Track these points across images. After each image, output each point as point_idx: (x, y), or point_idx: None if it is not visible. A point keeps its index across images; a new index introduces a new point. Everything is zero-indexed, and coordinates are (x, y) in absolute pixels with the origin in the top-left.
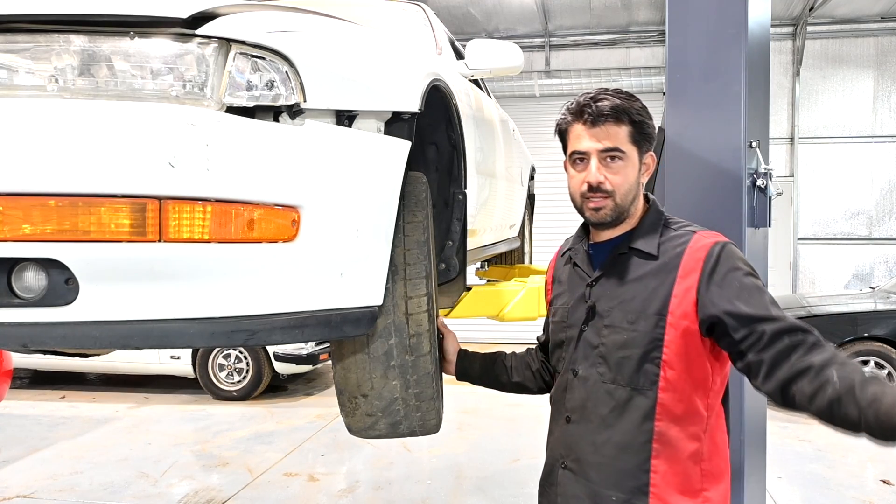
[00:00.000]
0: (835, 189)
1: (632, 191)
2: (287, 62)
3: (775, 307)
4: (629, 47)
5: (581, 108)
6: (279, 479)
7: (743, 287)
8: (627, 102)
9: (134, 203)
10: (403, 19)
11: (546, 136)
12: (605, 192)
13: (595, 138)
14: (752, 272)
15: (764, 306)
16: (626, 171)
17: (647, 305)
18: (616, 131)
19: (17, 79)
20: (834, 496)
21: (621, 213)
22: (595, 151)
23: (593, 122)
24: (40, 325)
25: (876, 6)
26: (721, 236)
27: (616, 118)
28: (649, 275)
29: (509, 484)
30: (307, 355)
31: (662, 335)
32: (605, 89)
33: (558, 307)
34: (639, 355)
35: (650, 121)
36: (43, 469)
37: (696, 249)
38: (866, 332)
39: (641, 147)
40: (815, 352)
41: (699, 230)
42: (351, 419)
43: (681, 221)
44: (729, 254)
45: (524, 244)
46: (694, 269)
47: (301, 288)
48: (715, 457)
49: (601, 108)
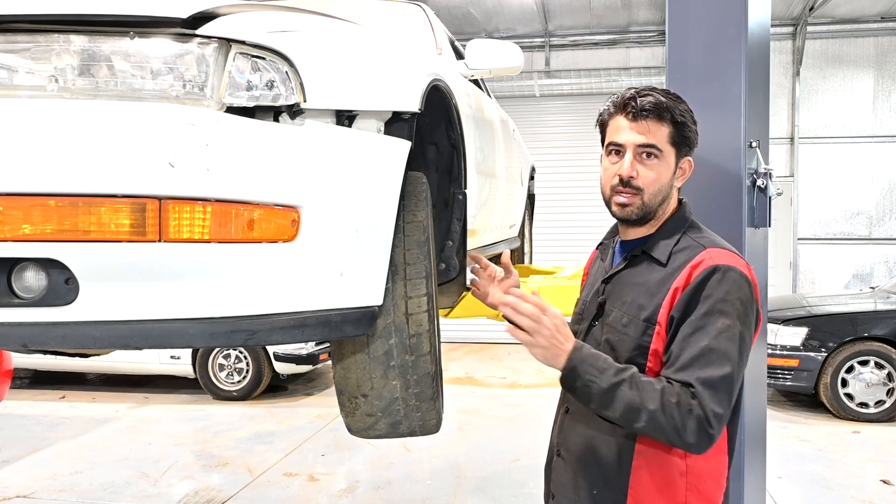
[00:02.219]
0: (835, 189)
1: (662, 192)
2: (287, 62)
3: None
4: (629, 47)
5: (626, 101)
6: (279, 479)
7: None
8: (673, 102)
9: (134, 203)
10: (403, 19)
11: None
12: (634, 189)
13: (635, 132)
14: (728, 308)
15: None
16: (659, 171)
17: (641, 312)
18: (657, 128)
19: (17, 79)
20: (834, 496)
21: (648, 212)
22: (632, 145)
23: (635, 116)
24: (40, 325)
25: (876, 6)
26: (729, 258)
27: (658, 115)
28: (652, 281)
29: (509, 484)
30: (307, 355)
31: (649, 343)
32: (653, 87)
33: (580, 299)
34: (625, 359)
35: (693, 125)
36: (43, 469)
37: (693, 266)
38: (866, 332)
39: (680, 149)
40: (671, 387)
41: (711, 246)
42: (351, 419)
43: (703, 232)
44: (718, 282)
45: (524, 244)
46: (682, 287)
47: (301, 288)
48: (705, 476)
49: (645, 102)
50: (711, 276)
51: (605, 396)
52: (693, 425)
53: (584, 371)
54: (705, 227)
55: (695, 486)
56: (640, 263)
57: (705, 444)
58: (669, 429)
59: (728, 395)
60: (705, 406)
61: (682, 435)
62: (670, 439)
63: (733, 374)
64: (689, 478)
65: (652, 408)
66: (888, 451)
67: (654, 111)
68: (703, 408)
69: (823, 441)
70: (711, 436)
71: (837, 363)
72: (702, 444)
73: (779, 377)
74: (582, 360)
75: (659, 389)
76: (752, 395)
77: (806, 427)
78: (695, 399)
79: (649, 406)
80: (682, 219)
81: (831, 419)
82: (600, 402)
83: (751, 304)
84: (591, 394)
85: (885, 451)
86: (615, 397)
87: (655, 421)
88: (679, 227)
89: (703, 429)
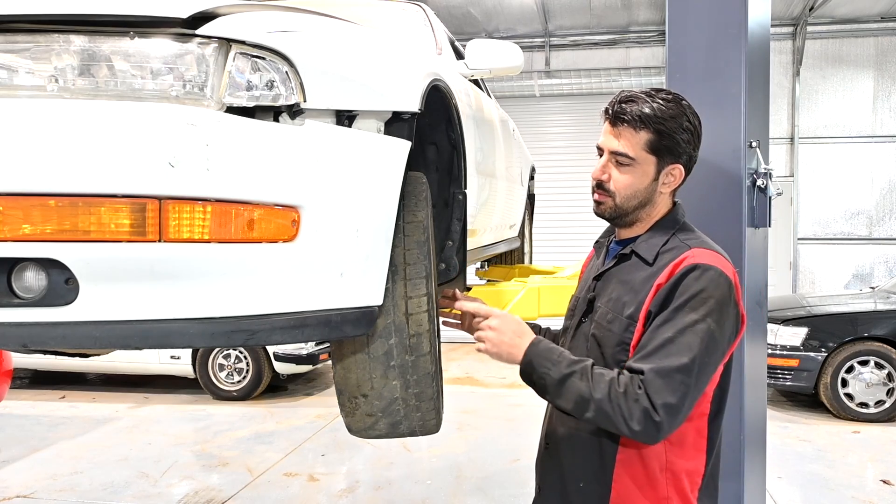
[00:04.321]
0: (835, 189)
1: (636, 197)
2: (287, 62)
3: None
4: (629, 47)
5: (610, 105)
6: (279, 479)
7: (672, 318)
8: (655, 111)
9: (134, 203)
10: (403, 19)
11: (546, 136)
12: (606, 191)
13: (611, 137)
14: (699, 305)
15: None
16: (632, 177)
17: (625, 308)
18: (631, 136)
19: (17, 79)
20: (834, 496)
21: (622, 214)
22: (607, 150)
23: (613, 121)
24: (40, 325)
25: (876, 6)
26: (711, 257)
27: (633, 124)
28: (639, 280)
29: (509, 484)
30: (307, 355)
31: (630, 339)
32: (651, 91)
33: (574, 296)
34: (610, 355)
35: (679, 134)
36: (43, 469)
37: (676, 264)
38: (866, 332)
39: (662, 157)
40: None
41: (696, 247)
42: (351, 419)
43: (693, 233)
44: (695, 279)
45: (524, 244)
46: (662, 283)
47: (301, 288)
48: (681, 473)
49: (622, 109)
50: (689, 273)
51: (557, 387)
52: (638, 413)
53: (538, 364)
54: (697, 230)
55: (672, 484)
56: (629, 262)
57: (652, 433)
58: (617, 417)
59: (683, 387)
60: (652, 395)
61: (629, 423)
62: (618, 428)
63: (691, 366)
64: (668, 474)
65: (598, 397)
66: (888, 451)
67: (630, 119)
68: (650, 397)
69: (823, 441)
70: (658, 424)
71: (837, 363)
72: (649, 433)
73: (779, 377)
74: (537, 353)
75: (608, 380)
76: (752, 395)
77: (806, 427)
78: (641, 388)
79: (596, 395)
80: (672, 220)
81: (831, 419)
82: (554, 393)
83: (727, 303)
84: (546, 385)
85: (885, 451)
86: (566, 387)
87: (602, 410)
88: (669, 228)
89: (649, 417)
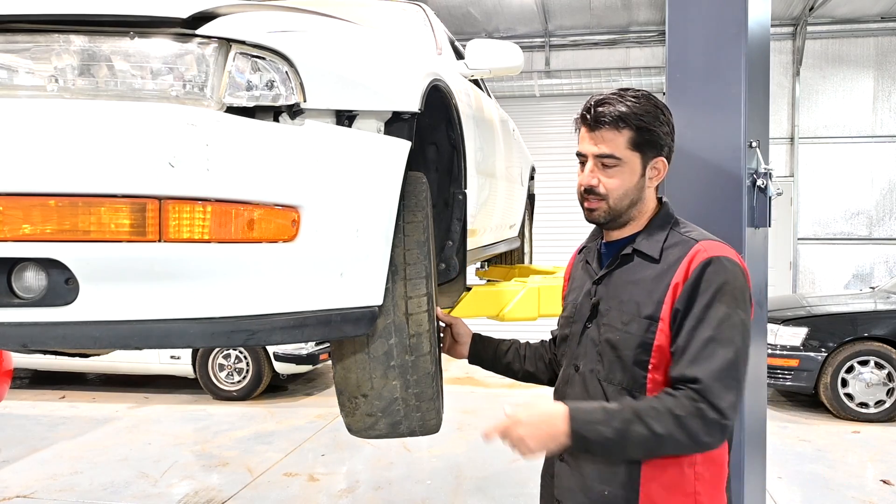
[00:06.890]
0: (835, 189)
1: (628, 196)
2: (287, 62)
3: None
4: (629, 47)
5: (585, 111)
6: (279, 479)
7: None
8: (631, 109)
9: (134, 203)
10: (403, 19)
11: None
12: (598, 195)
13: (592, 142)
14: (727, 297)
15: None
16: (621, 177)
17: (642, 309)
18: (613, 137)
19: (17, 79)
20: (834, 496)
21: (616, 216)
22: (591, 155)
23: (591, 126)
24: (40, 325)
25: (876, 6)
26: (720, 248)
27: (614, 125)
28: (648, 278)
29: (509, 484)
30: (307, 355)
31: (652, 340)
32: (620, 91)
33: (569, 303)
34: (629, 357)
35: (658, 127)
36: (43, 469)
37: (690, 260)
38: (866, 332)
39: (645, 152)
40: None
41: (702, 239)
42: (351, 419)
43: (688, 226)
44: (715, 272)
45: (524, 244)
46: (682, 282)
47: (301, 288)
48: (710, 462)
49: (599, 113)
50: (708, 267)
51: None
52: (707, 426)
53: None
54: (688, 222)
55: (701, 475)
56: (631, 262)
57: (720, 437)
58: (688, 441)
59: (737, 381)
60: (715, 400)
61: (701, 440)
62: (693, 449)
63: (738, 359)
64: (697, 467)
65: (665, 433)
66: (888, 451)
67: (609, 121)
68: (713, 403)
69: (823, 441)
70: (724, 426)
71: (837, 363)
72: (718, 438)
73: (779, 377)
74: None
75: (664, 410)
76: (752, 395)
77: (806, 427)
78: (701, 398)
79: (662, 432)
80: (667, 216)
81: (831, 419)
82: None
83: (746, 288)
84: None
85: (885, 451)
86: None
87: (674, 441)
88: (665, 224)
89: (716, 424)
